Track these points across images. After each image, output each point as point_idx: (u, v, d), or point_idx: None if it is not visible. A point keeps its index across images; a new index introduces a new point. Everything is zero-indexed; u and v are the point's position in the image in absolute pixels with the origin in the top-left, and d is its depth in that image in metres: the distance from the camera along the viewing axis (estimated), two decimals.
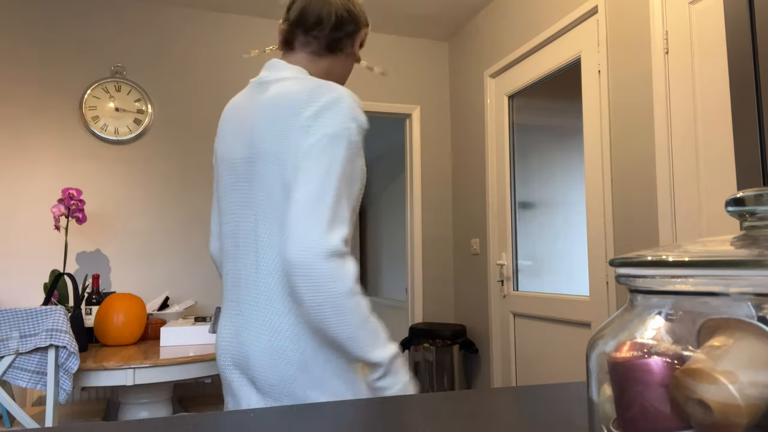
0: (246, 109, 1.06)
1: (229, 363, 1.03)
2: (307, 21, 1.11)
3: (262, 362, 0.96)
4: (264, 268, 0.99)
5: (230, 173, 1.06)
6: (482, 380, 3.38)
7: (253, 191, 1.01)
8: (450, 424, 0.55)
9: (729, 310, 0.27)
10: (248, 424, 0.56)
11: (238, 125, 1.06)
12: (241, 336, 1.00)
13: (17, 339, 1.71)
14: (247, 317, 1.00)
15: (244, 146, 1.03)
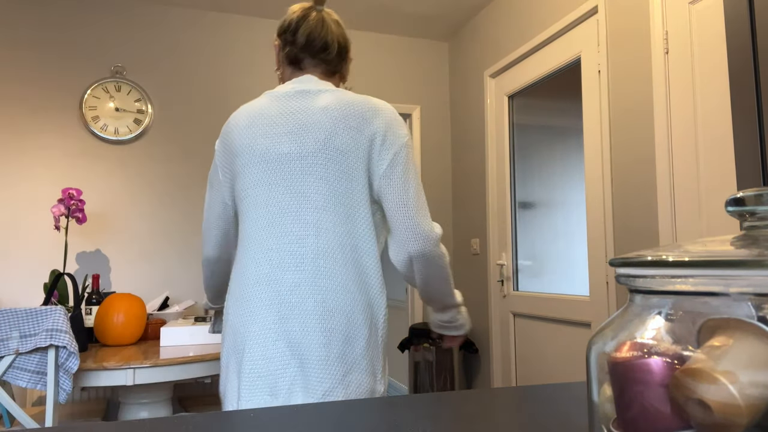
0: (300, 113, 1.17)
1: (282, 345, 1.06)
2: (315, 46, 1.26)
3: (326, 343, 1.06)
4: (327, 254, 1.10)
5: (275, 168, 1.14)
6: (482, 380, 3.38)
7: (306, 190, 1.12)
8: (450, 424, 0.55)
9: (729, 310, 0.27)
10: (248, 424, 0.56)
11: (286, 126, 1.16)
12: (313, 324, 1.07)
13: (17, 339, 1.71)
14: (308, 307, 1.07)
15: (302, 143, 1.14)
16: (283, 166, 1.13)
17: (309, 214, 1.11)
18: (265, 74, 3.55)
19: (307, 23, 1.26)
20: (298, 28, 1.26)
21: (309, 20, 1.26)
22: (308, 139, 1.14)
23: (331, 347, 1.06)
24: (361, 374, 1.08)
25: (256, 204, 1.14)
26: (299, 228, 1.11)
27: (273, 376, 1.05)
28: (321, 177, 1.12)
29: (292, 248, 1.10)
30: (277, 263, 1.10)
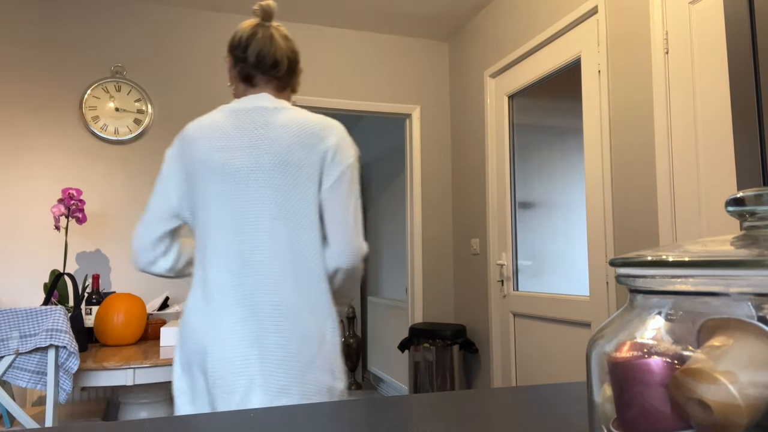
0: (258, 128, 1.25)
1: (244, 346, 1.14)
2: (266, 64, 1.32)
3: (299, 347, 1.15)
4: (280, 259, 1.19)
5: (233, 180, 1.21)
6: (482, 380, 3.38)
7: (263, 201, 1.20)
8: (450, 424, 0.55)
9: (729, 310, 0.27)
10: (248, 424, 0.56)
11: (244, 141, 1.23)
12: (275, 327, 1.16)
13: (17, 339, 1.71)
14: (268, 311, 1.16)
15: (260, 157, 1.22)
16: (241, 179, 1.21)
17: (265, 223, 1.20)
18: None
19: (256, 41, 1.32)
20: (248, 46, 1.32)
21: (257, 38, 1.32)
22: (266, 154, 1.22)
23: (289, 347, 1.14)
24: (317, 372, 1.16)
25: (215, 214, 1.21)
26: (256, 236, 1.19)
27: (234, 376, 1.12)
28: (277, 189, 1.21)
29: (250, 255, 1.18)
30: (237, 269, 1.17)
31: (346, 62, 3.73)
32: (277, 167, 1.22)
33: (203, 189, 1.23)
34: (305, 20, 3.62)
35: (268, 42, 1.32)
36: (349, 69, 3.73)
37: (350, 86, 3.72)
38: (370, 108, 3.75)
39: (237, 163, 1.22)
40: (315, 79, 3.65)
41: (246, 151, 1.22)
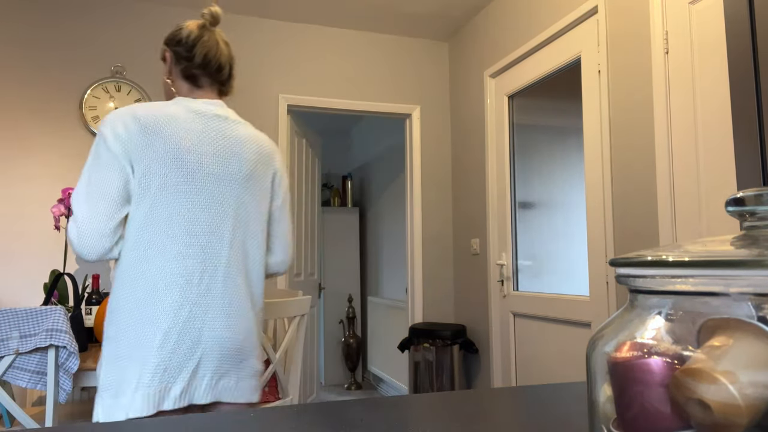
0: (224, 138, 1.34)
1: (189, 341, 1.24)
2: (211, 67, 1.39)
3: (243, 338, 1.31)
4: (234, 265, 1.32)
5: (200, 184, 1.28)
6: (482, 380, 3.38)
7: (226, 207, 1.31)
8: (450, 424, 0.55)
9: (729, 310, 0.27)
10: (248, 424, 0.56)
11: (213, 148, 1.32)
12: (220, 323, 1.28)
13: (17, 339, 1.71)
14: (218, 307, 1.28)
15: (228, 168, 1.32)
16: (208, 185, 1.29)
17: (224, 231, 1.30)
18: (264, 74, 3.55)
19: (203, 43, 1.38)
20: (194, 46, 1.37)
21: (204, 40, 1.38)
22: (234, 166, 1.33)
23: (234, 341, 1.29)
24: (253, 360, 1.34)
25: (176, 213, 1.25)
26: (215, 241, 1.29)
27: (179, 367, 1.22)
28: (238, 199, 1.34)
29: (207, 259, 1.27)
30: (193, 270, 1.25)
31: (346, 62, 3.73)
32: (243, 179, 1.35)
33: (162, 182, 1.23)
34: (305, 20, 3.62)
35: (215, 46, 1.40)
36: (349, 69, 3.73)
37: (350, 86, 3.72)
38: (370, 108, 3.75)
39: (207, 169, 1.29)
40: (315, 79, 3.65)
41: (215, 158, 1.31)
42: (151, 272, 1.22)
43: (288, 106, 3.60)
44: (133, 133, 1.24)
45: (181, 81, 1.40)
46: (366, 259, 5.68)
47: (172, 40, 1.39)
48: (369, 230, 5.62)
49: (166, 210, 1.24)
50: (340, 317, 5.41)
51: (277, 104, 3.56)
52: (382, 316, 5.04)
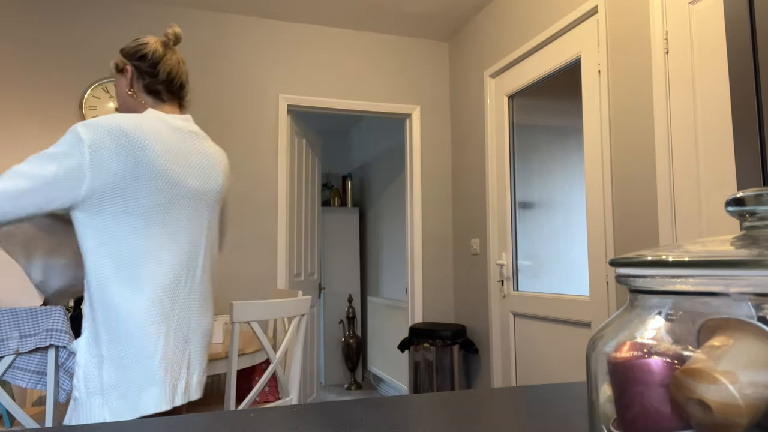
0: (201, 154, 1.45)
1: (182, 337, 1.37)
2: (174, 84, 1.48)
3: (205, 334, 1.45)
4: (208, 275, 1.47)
5: (183, 199, 1.38)
6: (482, 380, 3.38)
7: (203, 219, 1.44)
8: (450, 424, 0.55)
9: (729, 310, 0.27)
10: (248, 424, 0.56)
11: (194, 163, 1.42)
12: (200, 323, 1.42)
13: (17, 339, 1.71)
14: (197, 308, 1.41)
15: (207, 183, 1.44)
16: (192, 200, 1.40)
17: (201, 240, 1.43)
18: (264, 74, 3.55)
19: (165, 61, 1.46)
20: (158, 64, 1.45)
21: (167, 58, 1.46)
22: (211, 181, 1.46)
23: (208, 338, 1.45)
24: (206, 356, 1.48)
25: (164, 225, 1.34)
26: (195, 250, 1.41)
27: (179, 364, 1.33)
28: (212, 212, 1.47)
29: (190, 265, 1.39)
30: (179, 276, 1.36)
31: (346, 62, 3.73)
32: (215, 194, 1.48)
33: (153, 196, 1.31)
34: (306, 20, 3.62)
35: (177, 65, 1.49)
36: (349, 69, 3.73)
37: (350, 86, 3.72)
38: (370, 108, 3.75)
39: (190, 184, 1.39)
40: (315, 79, 3.65)
41: (197, 172, 1.42)
42: (146, 279, 1.30)
43: (288, 106, 3.60)
44: (115, 143, 1.26)
45: (144, 95, 1.46)
46: (366, 259, 5.68)
47: (134, 54, 1.45)
48: (369, 230, 5.62)
49: (153, 222, 1.32)
50: (340, 317, 5.41)
51: (277, 104, 3.56)
52: (382, 316, 5.04)
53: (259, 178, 3.49)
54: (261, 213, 3.47)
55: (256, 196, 3.47)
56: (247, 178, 3.46)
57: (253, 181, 3.47)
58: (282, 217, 3.50)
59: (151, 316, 1.29)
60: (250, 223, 3.44)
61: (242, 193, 3.44)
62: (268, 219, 3.48)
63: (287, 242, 3.52)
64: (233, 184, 3.44)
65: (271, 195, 3.50)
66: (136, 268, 1.29)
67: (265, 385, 2.08)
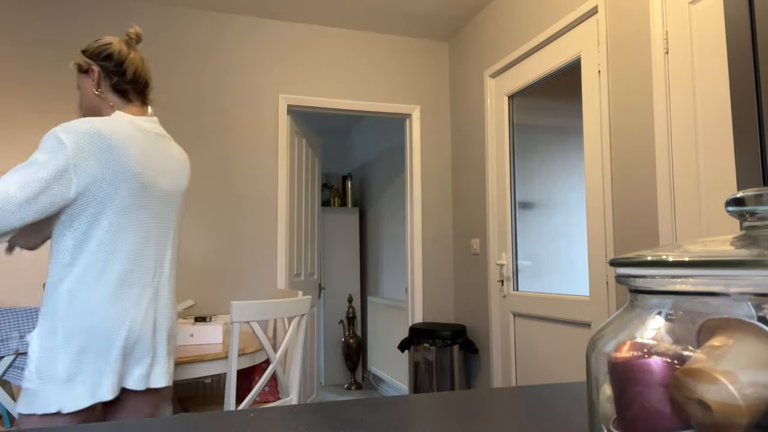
0: (168, 156, 1.51)
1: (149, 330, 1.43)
2: (140, 83, 1.53)
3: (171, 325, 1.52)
4: (174, 268, 1.56)
5: (153, 199, 1.44)
6: (482, 380, 3.38)
7: (171, 217, 1.51)
8: (450, 424, 0.55)
9: (729, 310, 0.27)
10: (248, 424, 0.56)
11: (163, 165, 1.48)
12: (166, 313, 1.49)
13: (17, 339, 1.71)
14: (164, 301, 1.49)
15: (174, 183, 1.51)
16: (160, 200, 1.47)
17: (169, 239, 1.51)
18: (264, 74, 3.55)
19: (131, 60, 1.50)
20: (123, 63, 1.49)
21: (131, 57, 1.50)
22: (177, 181, 1.53)
23: (172, 329, 1.51)
24: (174, 344, 1.54)
25: (136, 225, 1.41)
26: (164, 244, 1.49)
27: (141, 354, 1.39)
28: (178, 211, 1.55)
29: (158, 262, 1.47)
30: (148, 272, 1.43)
31: (346, 62, 3.73)
32: (181, 193, 1.55)
33: (124, 196, 1.37)
34: (306, 20, 3.62)
35: (142, 64, 1.53)
36: (349, 69, 3.73)
37: (350, 86, 3.72)
38: (370, 108, 3.75)
39: (160, 185, 1.46)
40: (315, 79, 3.65)
41: (166, 175, 1.49)
42: (114, 275, 1.36)
43: (288, 106, 3.60)
44: (93, 146, 1.32)
45: (111, 95, 1.50)
46: (366, 259, 5.68)
47: (99, 55, 1.48)
48: (369, 230, 5.62)
49: (128, 222, 1.39)
50: (340, 317, 5.41)
51: (277, 104, 3.56)
52: (382, 316, 5.04)
53: (259, 178, 3.49)
54: (261, 213, 3.47)
55: (256, 196, 3.47)
56: (247, 178, 3.46)
57: (253, 181, 3.47)
58: (282, 217, 3.50)
59: (115, 311, 1.35)
60: (250, 223, 3.44)
61: (242, 193, 3.44)
62: (268, 219, 3.48)
63: (287, 242, 3.52)
64: (234, 184, 3.44)
65: (271, 195, 3.50)
66: (106, 267, 1.35)
67: (265, 385, 2.08)
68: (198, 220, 3.34)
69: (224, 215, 3.39)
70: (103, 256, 1.35)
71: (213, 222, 3.37)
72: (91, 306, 1.33)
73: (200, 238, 3.34)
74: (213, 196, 3.38)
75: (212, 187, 3.39)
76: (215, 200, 3.38)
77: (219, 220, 3.38)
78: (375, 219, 5.42)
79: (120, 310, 1.36)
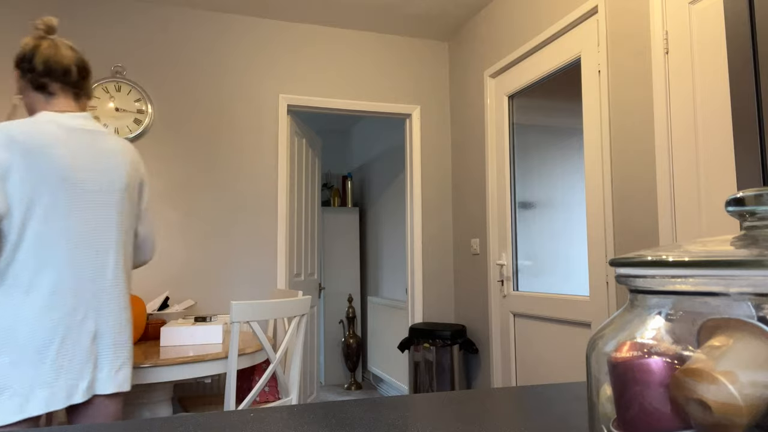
0: (99, 153, 1.44)
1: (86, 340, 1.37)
2: (56, 71, 1.44)
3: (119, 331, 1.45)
4: (122, 272, 1.47)
5: (81, 198, 1.38)
6: (482, 380, 3.38)
7: (110, 218, 1.44)
8: (450, 424, 0.55)
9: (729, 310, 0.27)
10: (248, 424, 0.56)
11: (90, 163, 1.41)
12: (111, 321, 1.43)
13: None
14: (108, 308, 1.42)
15: (107, 181, 1.43)
16: (92, 200, 1.40)
17: (110, 240, 1.43)
18: (264, 74, 3.55)
19: (41, 51, 1.44)
20: (33, 57, 1.44)
21: (42, 48, 1.44)
22: (112, 179, 1.45)
23: (122, 335, 1.45)
24: (131, 351, 1.49)
25: (62, 225, 1.34)
26: (103, 250, 1.41)
27: (80, 364, 1.34)
28: (119, 210, 1.47)
29: (95, 262, 1.40)
30: (84, 277, 1.37)
31: (346, 62, 3.73)
32: (120, 191, 1.47)
33: (49, 201, 1.32)
34: (306, 20, 3.62)
35: (53, 51, 1.45)
36: (349, 69, 3.73)
37: (350, 86, 3.72)
38: (370, 108, 3.75)
39: (89, 185, 1.39)
40: (315, 79, 3.65)
41: (94, 174, 1.41)
42: (45, 286, 1.31)
43: (288, 106, 3.60)
44: (14, 157, 1.29)
45: (34, 93, 1.45)
46: (366, 259, 5.68)
47: (17, 59, 1.46)
48: (369, 230, 5.62)
49: (55, 229, 1.33)
50: (340, 317, 5.41)
51: (277, 104, 3.56)
52: (382, 316, 5.04)
53: (259, 178, 3.49)
54: (261, 213, 3.47)
55: (256, 196, 3.47)
56: (247, 178, 3.46)
57: (253, 181, 3.47)
58: (282, 217, 3.50)
59: (47, 321, 1.30)
60: (250, 223, 3.44)
61: (242, 193, 3.44)
62: (268, 219, 3.48)
63: (287, 242, 3.52)
64: (234, 184, 3.44)
65: (271, 195, 3.50)
66: (36, 277, 1.30)
67: (265, 385, 2.08)
68: (198, 220, 3.34)
69: (224, 215, 3.39)
70: (32, 267, 1.30)
71: (213, 222, 3.37)
72: (20, 319, 1.28)
73: (200, 238, 3.34)
74: (213, 196, 3.38)
75: (212, 187, 3.39)
76: (215, 200, 3.38)
77: (219, 220, 3.38)
78: (375, 219, 5.42)
79: (52, 321, 1.31)
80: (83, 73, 1.49)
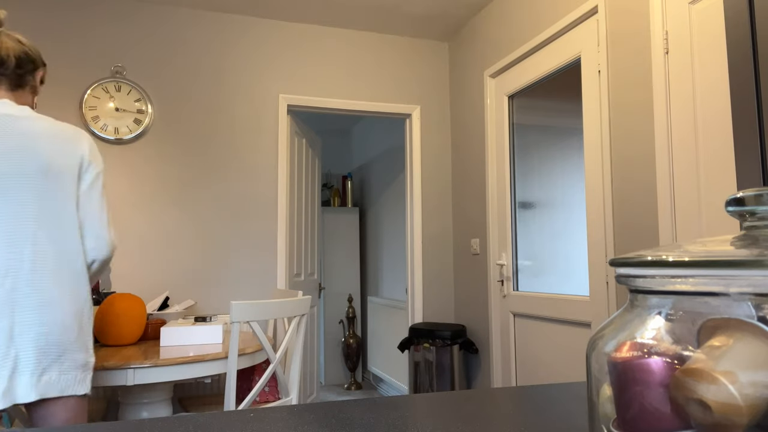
0: (13, 136, 1.34)
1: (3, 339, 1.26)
2: None
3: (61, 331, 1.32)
4: (48, 263, 1.33)
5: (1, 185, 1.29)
6: (482, 380, 3.38)
7: (26, 205, 1.32)
8: (450, 424, 0.55)
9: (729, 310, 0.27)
10: (248, 424, 0.56)
11: (2, 146, 1.31)
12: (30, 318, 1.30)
13: None
14: (27, 303, 1.30)
15: (21, 164, 1.32)
16: (3, 186, 1.30)
17: (26, 229, 1.31)
18: (264, 74, 3.55)
19: None
20: None
21: None
22: (27, 161, 1.33)
23: (51, 335, 1.30)
24: (74, 352, 1.34)
25: None
26: (17, 238, 1.30)
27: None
28: (38, 195, 1.34)
29: (10, 258, 1.29)
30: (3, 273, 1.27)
31: (346, 62, 3.73)
32: (39, 174, 1.35)
33: None
34: (305, 20, 3.62)
35: None
36: (349, 69, 3.73)
37: (350, 86, 3.72)
38: (370, 108, 3.75)
39: (3, 169, 1.31)
40: (315, 79, 3.65)
41: (6, 156, 1.32)
42: None
43: (288, 106, 3.60)
44: None
45: None
46: (366, 259, 5.68)
47: None
48: (369, 230, 5.62)
49: None
50: (340, 317, 5.41)
51: (277, 104, 3.56)
52: (382, 316, 5.04)
53: (259, 178, 3.49)
54: (261, 213, 3.47)
55: (256, 196, 3.47)
56: (247, 178, 3.46)
57: (253, 181, 3.47)
58: (282, 217, 3.50)
59: None
60: (250, 223, 3.44)
61: (242, 193, 3.44)
62: (268, 219, 3.48)
63: (287, 242, 3.52)
64: (233, 184, 3.44)
65: (271, 195, 3.50)
66: None
67: (265, 385, 2.08)
68: (198, 219, 3.34)
69: (224, 215, 3.39)
70: None
71: (213, 222, 3.37)
72: None
73: (200, 238, 3.34)
74: (213, 196, 3.38)
75: (212, 187, 3.39)
76: (215, 200, 3.38)
77: (219, 220, 3.38)
78: (375, 219, 5.42)
79: None
80: (24, 66, 1.45)
